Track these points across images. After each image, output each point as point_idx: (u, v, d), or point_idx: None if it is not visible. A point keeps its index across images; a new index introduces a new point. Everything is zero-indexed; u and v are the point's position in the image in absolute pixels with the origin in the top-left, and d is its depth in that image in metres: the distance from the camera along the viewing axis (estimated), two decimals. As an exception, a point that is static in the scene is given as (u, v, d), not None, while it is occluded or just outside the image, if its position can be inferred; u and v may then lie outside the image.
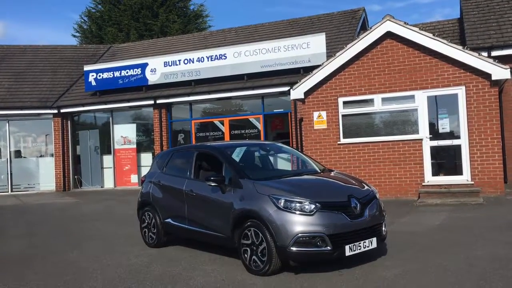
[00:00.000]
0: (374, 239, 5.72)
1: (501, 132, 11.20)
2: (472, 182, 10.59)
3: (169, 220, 7.30)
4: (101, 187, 18.03)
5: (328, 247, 5.37)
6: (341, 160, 11.78)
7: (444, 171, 11.15)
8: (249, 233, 5.76)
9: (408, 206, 10.13)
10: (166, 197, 7.41)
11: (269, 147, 7.73)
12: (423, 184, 11.00)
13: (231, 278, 5.65)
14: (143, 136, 18.11)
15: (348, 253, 5.45)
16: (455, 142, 10.96)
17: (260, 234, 5.61)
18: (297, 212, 5.44)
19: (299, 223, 5.39)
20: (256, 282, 5.43)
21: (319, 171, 6.89)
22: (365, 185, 6.29)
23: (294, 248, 5.36)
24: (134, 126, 17.90)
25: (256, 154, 7.41)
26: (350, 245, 5.47)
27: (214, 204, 6.39)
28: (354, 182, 6.30)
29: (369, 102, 11.70)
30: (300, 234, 5.35)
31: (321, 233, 5.36)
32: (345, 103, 11.95)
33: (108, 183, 18.00)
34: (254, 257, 5.71)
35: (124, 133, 17.84)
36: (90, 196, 15.95)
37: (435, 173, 11.14)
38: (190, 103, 16.80)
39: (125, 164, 17.70)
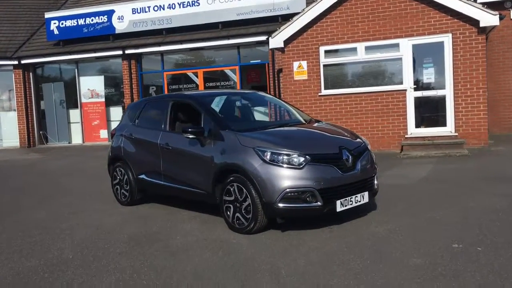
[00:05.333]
0: (366, 193, 5.34)
1: (485, 83, 10.89)
2: (456, 134, 10.36)
3: (143, 176, 6.75)
4: (69, 143, 17.16)
5: (318, 203, 4.96)
6: (322, 112, 11.32)
7: (428, 123, 10.87)
8: (232, 189, 5.30)
9: (392, 158, 9.84)
10: (139, 151, 6.83)
11: (251, 96, 7.12)
12: (406, 136, 10.71)
13: (213, 237, 5.21)
14: (112, 89, 17.12)
15: (339, 208, 5.06)
16: (439, 92, 10.62)
17: (244, 190, 5.15)
18: (285, 166, 4.98)
19: (287, 177, 4.94)
20: (241, 241, 5.01)
21: (306, 121, 6.39)
22: (356, 136, 5.85)
23: (281, 204, 4.93)
24: (102, 78, 16.87)
25: (238, 103, 6.81)
26: (342, 200, 5.07)
27: (192, 158, 5.86)
28: (344, 133, 5.84)
29: (352, 51, 11.15)
30: (288, 190, 4.91)
31: (311, 188, 4.93)
32: (326, 52, 11.37)
33: (76, 138, 17.13)
34: (237, 214, 5.27)
35: (91, 85, 16.83)
36: (56, 152, 15.15)
37: (418, 125, 10.85)
38: (162, 53, 15.88)
39: (94, 118, 16.82)
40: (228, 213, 5.38)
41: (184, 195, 6.23)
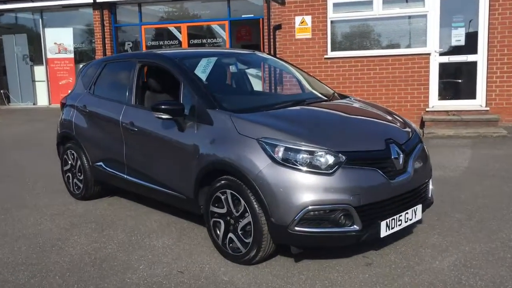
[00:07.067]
0: (419, 207, 3.65)
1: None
2: (487, 108, 8.70)
3: (100, 164, 4.98)
4: (33, 104, 15.09)
5: (355, 226, 3.26)
6: (327, 79, 9.48)
7: (453, 94, 9.17)
8: (223, 198, 3.57)
9: (414, 138, 8.15)
10: (95, 130, 5.02)
11: (249, 59, 5.23)
12: (426, 109, 9.02)
13: (194, 269, 3.51)
14: (82, 44, 14.94)
15: (384, 233, 3.37)
16: (470, 58, 8.86)
17: (242, 201, 3.42)
18: (305, 169, 3.24)
19: (310, 187, 3.20)
20: (234, 279, 3.33)
21: (327, 97, 4.59)
22: (404, 122, 4.10)
23: (300, 228, 3.22)
24: (70, 30, 14.61)
25: (232, 69, 4.95)
26: (388, 220, 3.38)
27: (166, 147, 4.09)
28: (388, 117, 4.08)
29: (367, 4, 9.24)
30: (311, 207, 3.19)
31: (345, 204, 3.21)
32: (335, 5, 9.43)
33: (42, 99, 15.05)
34: (231, 235, 3.57)
35: (58, 39, 14.61)
36: (17, 115, 13.14)
37: (442, 96, 9.15)
38: (139, 3, 13.69)
39: (62, 77, 14.69)
40: (217, 231, 3.67)
41: (154, 196, 4.48)
